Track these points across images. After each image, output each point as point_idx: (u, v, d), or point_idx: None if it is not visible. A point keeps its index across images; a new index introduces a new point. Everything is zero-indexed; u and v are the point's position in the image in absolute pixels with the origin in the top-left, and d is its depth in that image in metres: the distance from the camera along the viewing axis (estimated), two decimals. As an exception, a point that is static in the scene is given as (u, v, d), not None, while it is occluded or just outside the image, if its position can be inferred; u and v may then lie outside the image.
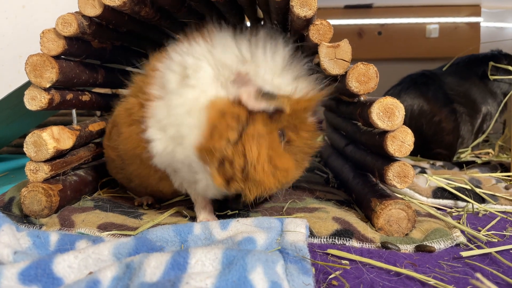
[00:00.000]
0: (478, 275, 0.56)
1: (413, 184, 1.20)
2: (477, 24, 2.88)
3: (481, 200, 1.15)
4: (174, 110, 0.88)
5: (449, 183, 1.21)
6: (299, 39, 1.14)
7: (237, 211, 1.03)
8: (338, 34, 0.95)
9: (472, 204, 1.12)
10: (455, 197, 1.16)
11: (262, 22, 1.61)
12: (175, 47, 0.98)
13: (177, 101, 0.88)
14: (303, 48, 1.16)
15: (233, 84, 0.88)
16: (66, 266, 0.66)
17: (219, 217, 1.01)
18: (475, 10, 2.87)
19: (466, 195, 1.15)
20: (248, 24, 1.67)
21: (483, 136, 1.91)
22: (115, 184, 1.29)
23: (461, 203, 1.15)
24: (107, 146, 1.18)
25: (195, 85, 0.89)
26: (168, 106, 0.89)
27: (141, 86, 0.99)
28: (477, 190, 1.17)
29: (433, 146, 1.79)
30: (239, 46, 0.93)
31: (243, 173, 0.84)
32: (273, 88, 0.87)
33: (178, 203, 1.15)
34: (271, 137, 0.86)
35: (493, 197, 1.16)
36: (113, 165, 1.18)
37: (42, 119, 1.95)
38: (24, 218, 0.99)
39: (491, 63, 1.83)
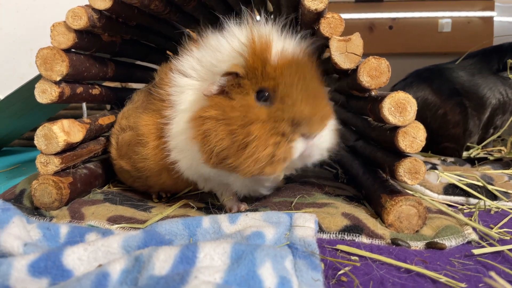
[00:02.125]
0: (492, 273, 0.55)
1: (424, 180, 1.19)
2: (490, 19, 2.83)
3: (493, 197, 1.13)
4: (179, 137, 0.93)
5: (460, 180, 1.19)
6: (310, 33, 1.13)
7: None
8: (349, 28, 0.94)
9: (484, 201, 1.10)
10: (467, 194, 1.14)
11: (272, 16, 1.60)
12: (175, 63, 0.99)
13: (178, 127, 0.93)
14: (314, 41, 1.14)
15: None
16: (75, 258, 0.66)
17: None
18: (489, 4, 2.82)
19: (478, 192, 1.13)
20: (258, 18, 1.66)
21: (499, 132, 1.88)
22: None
23: (472, 200, 1.13)
24: (118, 157, 1.15)
25: (185, 109, 0.92)
26: (176, 132, 0.94)
27: (160, 109, 1.00)
28: (489, 187, 1.16)
29: (439, 140, 1.78)
30: (223, 45, 0.92)
31: (218, 158, 0.85)
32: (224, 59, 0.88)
33: (186, 196, 1.16)
34: (234, 112, 0.84)
35: (506, 194, 1.15)
36: (128, 175, 1.15)
37: (53, 113, 1.97)
38: (35, 210, 1.00)
39: (510, 60, 1.79)
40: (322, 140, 0.89)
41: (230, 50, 0.88)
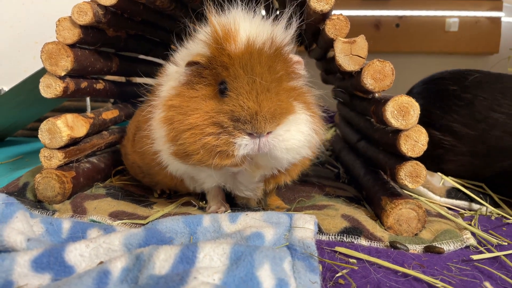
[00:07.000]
0: (486, 283, 0.55)
1: (427, 182, 1.19)
2: (498, 19, 2.81)
3: (496, 204, 1.13)
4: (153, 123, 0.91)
5: (464, 184, 1.19)
6: (314, 33, 1.13)
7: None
8: (355, 25, 0.93)
9: (486, 206, 1.10)
10: (470, 199, 1.14)
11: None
12: (172, 55, 0.99)
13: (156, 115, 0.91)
14: (319, 42, 1.14)
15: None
16: (77, 254, 0.67)
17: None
18: (496, 4, 2.79)
19: (480, 198, 1.13)
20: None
21: None
22: (127, 172, 1.30)
23: (475, 206, 1.13)
24: (132, 151, 1.14)
25: (164, 96, 0.90)
26: (154, 119, 0.91)
27: (150, 100, 0.98)
28: (494, 196, 1.15)
29: None
30: (198, 36, 0.90)
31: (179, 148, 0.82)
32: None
33: (188, 193, 1.16)
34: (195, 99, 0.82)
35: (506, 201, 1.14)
36: (139, 170, 1.16)
37: (57, 104, 1.98)
38: (38, 204, 1.01)
39: None
40: (281, 139, 0.80)
41: (199, 40, 0.87)
